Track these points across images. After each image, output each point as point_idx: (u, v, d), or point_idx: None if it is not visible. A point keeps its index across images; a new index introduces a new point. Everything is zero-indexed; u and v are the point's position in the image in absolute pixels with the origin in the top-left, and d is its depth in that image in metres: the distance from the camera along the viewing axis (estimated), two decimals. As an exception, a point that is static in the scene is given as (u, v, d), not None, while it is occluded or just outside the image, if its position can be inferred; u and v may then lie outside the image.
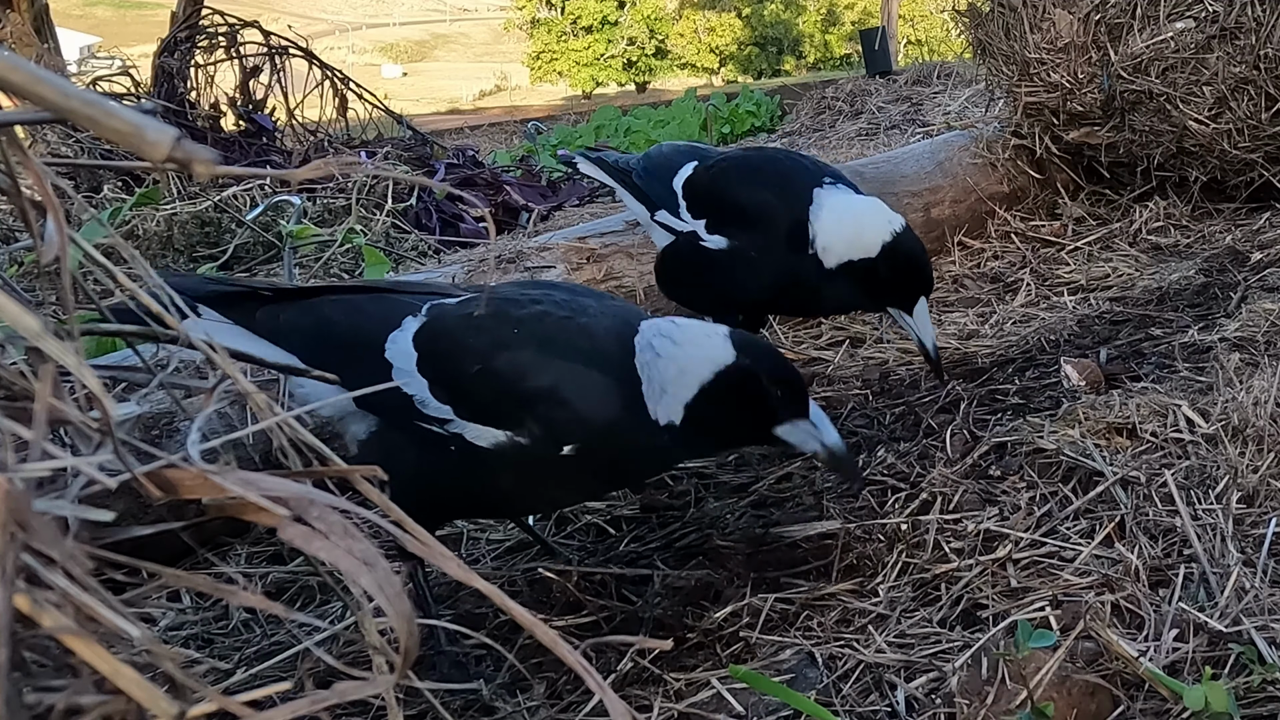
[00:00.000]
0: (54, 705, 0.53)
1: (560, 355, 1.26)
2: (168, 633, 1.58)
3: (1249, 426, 1.57)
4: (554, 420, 1.24)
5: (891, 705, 1.22)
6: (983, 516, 1.52)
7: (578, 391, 1.25)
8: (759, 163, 1.99)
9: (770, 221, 1.84)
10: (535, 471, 1.28)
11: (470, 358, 1.26)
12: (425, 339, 1.29)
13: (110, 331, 0.82)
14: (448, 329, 1.30)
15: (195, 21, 5.41)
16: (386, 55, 50.06)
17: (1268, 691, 1.12)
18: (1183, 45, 2.98)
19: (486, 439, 1.25)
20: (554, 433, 1.25)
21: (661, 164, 2.01)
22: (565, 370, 1.25)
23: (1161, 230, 3.10)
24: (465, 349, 1.27)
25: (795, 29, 28.84)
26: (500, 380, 1.25)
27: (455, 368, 1.25)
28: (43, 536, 0.52)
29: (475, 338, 1.27)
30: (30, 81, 0.53)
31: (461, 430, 1.26)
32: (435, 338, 1.29)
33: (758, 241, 1.85)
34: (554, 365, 1.25)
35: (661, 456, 1.36)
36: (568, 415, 1.25)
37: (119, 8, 51.93)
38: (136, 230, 3.58)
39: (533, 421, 1.24)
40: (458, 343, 1.28)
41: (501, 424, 1.25)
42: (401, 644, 0.57)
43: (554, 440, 1.25)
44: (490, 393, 1.25)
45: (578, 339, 1.27)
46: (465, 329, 1.28)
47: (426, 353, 1.28)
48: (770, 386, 1.31)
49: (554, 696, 1.32)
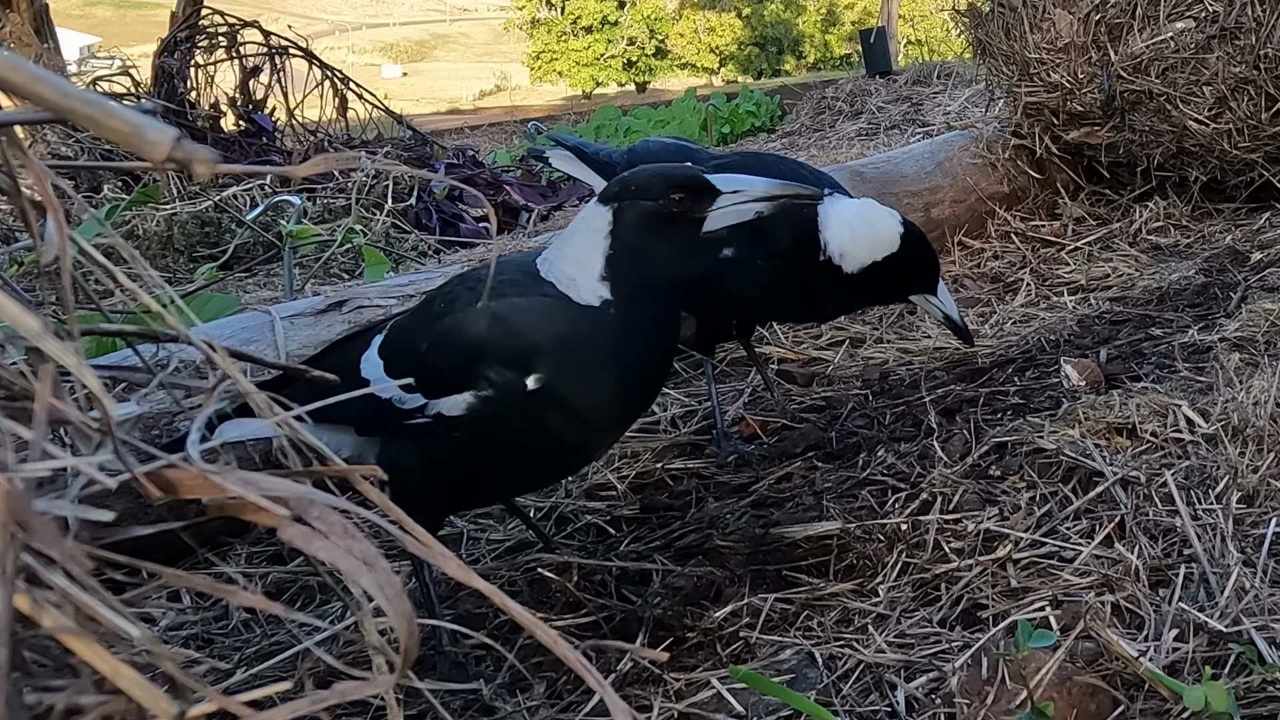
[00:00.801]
0: (54, 705, 0.53)
1: (486, 303, 1.30)
2: (168, 633, 1.58)
3: (1249, 426, 1.57)
4: (504, 359, 1.27)
5: (891, 705, 1.22)
6: (983, 516, 1.52)
7: (511, 323, 1.28)
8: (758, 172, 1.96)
9: (774, 233, 1.80)
10: (515, 425, 1.29)
11: (417, 340, 1.34)
12: (385, 345, 1.38)
13: (110, 332, 0.82)
14: (400, 328, 1.40)
15: (195, 21, 5.41)
16: (386, 55, 50.06)
17: (1268, 691, 1.12)
18: (1183, 45, 2.98)
19: (458, 407, 1.29)
20: (509, 371, 1.26)
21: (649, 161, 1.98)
22: (493, 312, 1.29)
23: (1161, 230, 3.10)
24: (412, 336, 1.36)
25: (795, 29, 28.84)
26: (446, 346, 1.30)
27: (410, 355, 1.34)
28: (43, 536, 0.52)
29: (418, 323, 1.37)
30: (30, 81, 0.53)
31: (438, 408, 1.30)
32: (393, 340, 1.39)
33: (759, 251, 1.82)
34: (481, 312, 1.29)
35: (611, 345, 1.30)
36: (513, 346, 1.27)
37: (119, 8, 51.94)
38: (136, 230, 3.58)
39: (487, 370, 1.27)
40: (407, 334, 1.37)
41: (464, 386, 1.28)
42: (401, 644, 0.57)
43: (515, 380, 1.26)
44: (443, 362, 1.30)
45: (499, 288, 1.31)
46: (411, 322, 1.39)
47: (388, 356, 1.36)
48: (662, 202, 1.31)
49: (554, 696, 1.32)
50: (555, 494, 1.84)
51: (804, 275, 1.83)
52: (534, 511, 1.79)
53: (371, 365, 1.37)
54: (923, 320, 2.60)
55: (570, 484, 1.87)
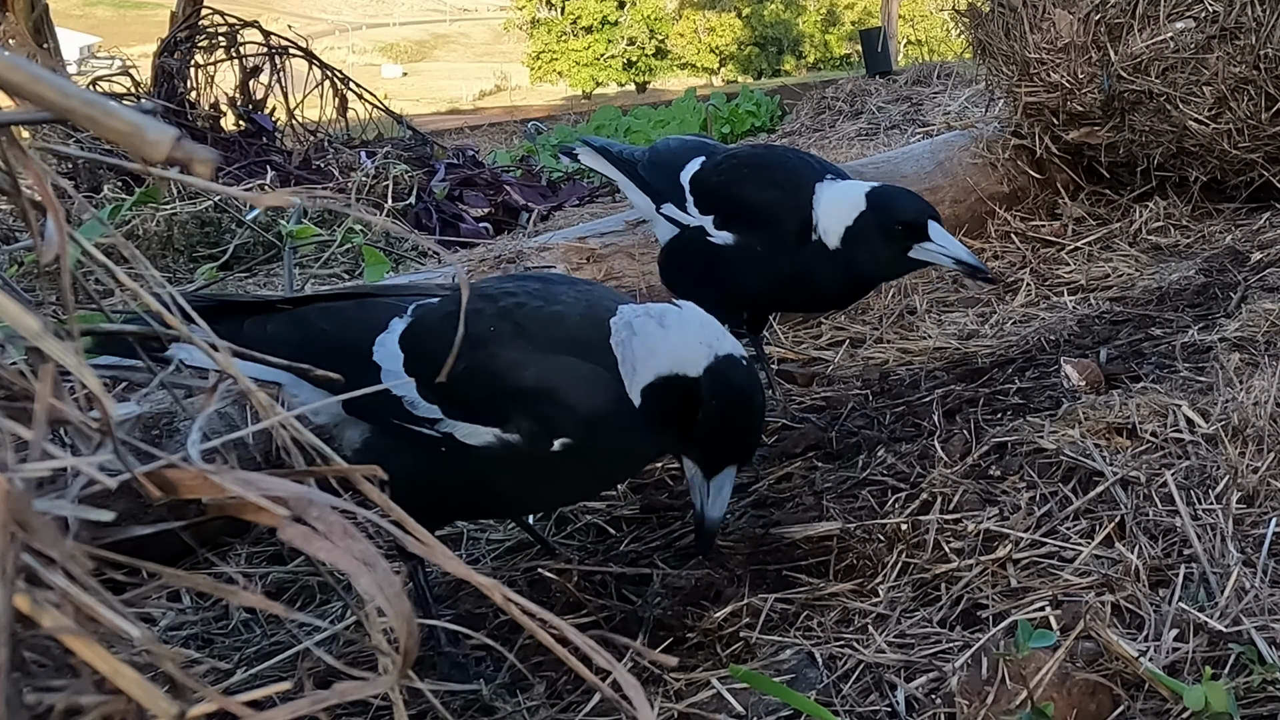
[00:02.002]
0: (54, 705, 0.53)
1: (539, 347, 1.25)
2: (168, 633, 1.58)
3: (1249, 426, 1.57)
4: (541, 415, 1.24)
5: (891, 705, 1.22)
6: (983, 516, 1.52)
7: (562, 384, 1.25)
8: (768, 161, 2.00)
9: (779, 220, 1.86)
10: (528, 469, 1.27)
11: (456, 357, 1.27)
12: (410, 339, 1.29)
13: (111, 331, 0.82)
14: (432, 327, 1.30)
15: (195, 21, 5.40)
16: (386, 55, 50.05)
17: (1268, 691, 1.12)
18: (1183, 45, 2.98)
19: (476, 438, 1.25)
20: (542, 428, 1.24)
21: (668, 158, 2.01)
22: (547, 363, 1.25)
23: (1161, 230, 3.10)
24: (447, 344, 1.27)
25: (795, 29, 28.84)
26: (485, 377, 1.24)
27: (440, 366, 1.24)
28: (43, 536, 0.52)
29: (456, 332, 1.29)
30: (30, 81, 0.53)
31: (452, 430, 1.26)
32: (420, 337, 1.29)
33: (767, 239, 1.87)
34: (535, 359, 1.25)
35: (645, 443, 1.33)
36: (554, 409, 1.24)
37: (119, 8, 51.93)
38: (136, 230, 3.58)
39: (520, 417, 1.24)
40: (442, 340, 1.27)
41: (489, 421, 1.25)
42: (401, 644, 0.57)
43: (543, 436, 1.24)
44: (476, 390, 1.24)
45: (553, 327, 1.27)
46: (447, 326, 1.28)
47: (412, 353, 1.28)
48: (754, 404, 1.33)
49: (554, 696, 1.32)
50: (555, 494, 1.84)
51: (801, 259, 1.85)
52: (534, 511, 1.79)
53: (389, 354, 1.29)
54: (923, 320, 2.60)
55: (570, 484, 1.87)
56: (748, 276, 1.89)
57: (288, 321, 1.33)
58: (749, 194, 1.90)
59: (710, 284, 1.94)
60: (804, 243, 1.84)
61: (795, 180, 1.88)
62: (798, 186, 1.87)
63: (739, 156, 2.00)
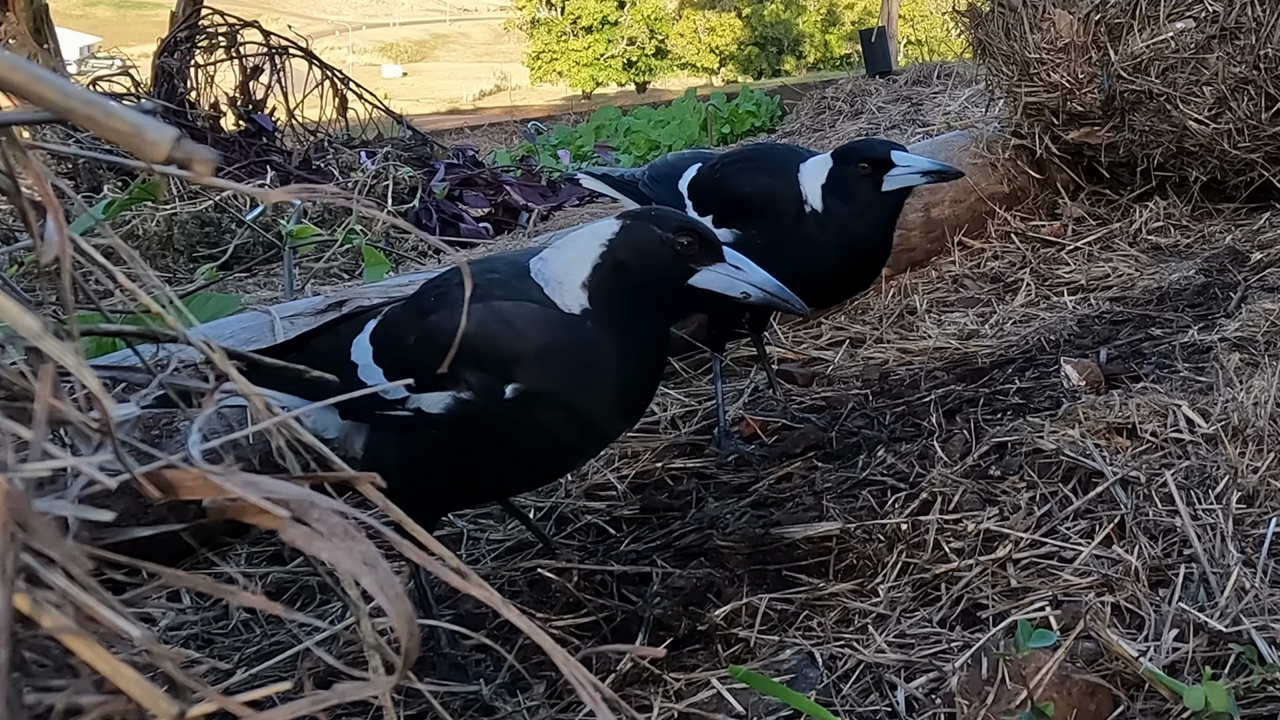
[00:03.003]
0: (54, 705, 0.53)
1: (472, 303, 1.29)
2: (168, 633, 1.58)
3: (1249, 426, 1.57)
4: (483, 364, 1.26)
5: (891, 705, 1.22)
6: (983, 516, 1.52)
7: (497, 327, 1.27)
8: (755, 154, 2.06)
9: (772, 205, 1.89)
10: (494, 431, 1.28)
11: (405, 332, 1.33)
12: (376, 332, 1.37)
13: (110, 332, 0.82)
14: (392, 316, 1.39)
15: (195, 21, 5.41)
16: (386, 55, 50.05)
17: (1268, 691, 1.12)
18: (1183, 45, 2.98)
19: (438, 405, 1.28)
20: (488, 376, 1.26)
21: (666, 170, 2.07)
22: (476, 315, 1.27)
23: (1161, 230, 3.10)
24: (401, 326, 1.35)
25: (795, 29, 28.84)
26: (429, 343, 1.29)
27: (397, 347, 1.33)
28: (43, 536, 0.52)
29: (407, 315, 1.36)
30: (30, 81, 0.53)
31: (419, 404, 1.29)
32: (383, 328, 1.38)
33: (763, 227, 1.89)
34: (469, 312, 1.27)
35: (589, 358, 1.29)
36: (493, 353, 1.26)
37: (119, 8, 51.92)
38: (136, 230, 3.58)
39: (467, 373, 1.26)
40: (397, 324, 1.36)
41: (444, 386, 1.27)
42: (402, 645, 0.57)
43: (494, 385, 1.25)
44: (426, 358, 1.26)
45: (487, 288, 1.31)
46: (402, 312, 1.38)
47: (378, 344, 1.36)
48: (668, 235, 1.30)
49: (554, 696, 1.32)
50: (555, 494, 1.84)
51: (802, 236, 1.87)
52: (533, 512, 1.79)
53: (361, 351, 1.37)
54: (923, 320, 2.60)
55: (570, 484, 1.87)
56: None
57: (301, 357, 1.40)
58: (740, 186, 1.94)
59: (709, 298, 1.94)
60: (801, 219, 1.88)
61: (780, 164, 1.94)
62: (783, 169, 1.92)
63: (730, 156, 2.05)
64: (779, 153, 2.01)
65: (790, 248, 1.86)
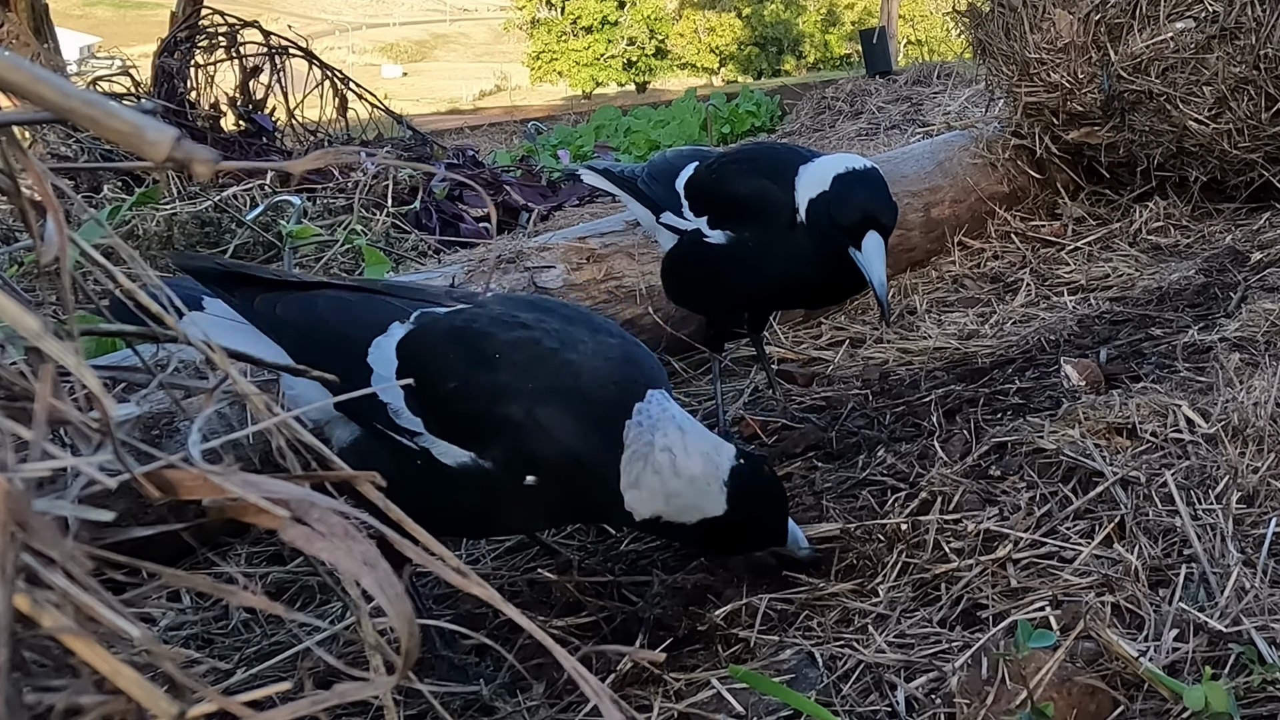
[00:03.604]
0: (54, 705, 0.53)
1: (537, 386, 1.22)
2: (168, 633, 1.58)
3: (1249, 426, 1.57)
4: (520, 450, 1.22)
5: (891, 705, 1.22)
6: (983, 516, 1.52)
7: (549, 426, 1.22)
8: (753, 154, 2.02)
9: (766, 207, 1.84)
10: (497, 496, 1.26)
11: (448, 373, 1.23)
12: (408, 347, 1.27)
13: (110, 332, 0.82)
14: (431, 340, 1.27)
15: (195, 21, 5.40)
16: (386, 55, 50.06)
17: (1268, 691, 1.12)
18: (1183, 45, 2.98)
19: (452, 457, 1.23)
20: (518, 462, 1.22)
21: (664, 168, 2.04)
22: (540, 402, 1.22)
23: (1161, 230, 3.10)
24: (444, 363, 1.24)
25: (795, 29, 28.84)
26: (473, 401, 1.22)
27: (432, 381, 1.22)
28: (43, 536, 0.52)
29: (456, 353, 1.25)
30: (30, 81, 0.53)
31: (430, 446, 1.24)
32: (418, 347, 1.27)
33: (757, 229, 1.85)
34: (528, 395, 1.22)
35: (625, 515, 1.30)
36: (534, 447, 1.22)
37: (119, 8, 51.93)
38: (136, 230, 3.58)
39: (498, 447, 1.22)
40: (438, 356, 1.25)
41: (468, 444, 1.23)
42: (402, 645, 0.57)
43: (517, 469, 1.22)
44: (461, 412, 1.22)
45: (561, 375, 1.24)
46: (448, 342, 1.26)
47: (407, 361, 1.26)
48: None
49: (554, 696, 1.32)
50: (555, 494, 1.84)
51: (793, 245, 1.82)
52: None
53: (383, 358, 1.27)
54: (923, 320, 2.60)
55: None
56: (744, 273, 1.88)
57: (296, 305, 1.32)
58: (735, 187, 1.90)
59: (710, 288, 1.93)
60: (793, 226, 1.82)
61: (778, 168, 1.87)
62: (781, 173, 1.85)
63: (728, 155, 2.02)
64: (777, 154, 1.95)
65: (781, 252, 1.85)
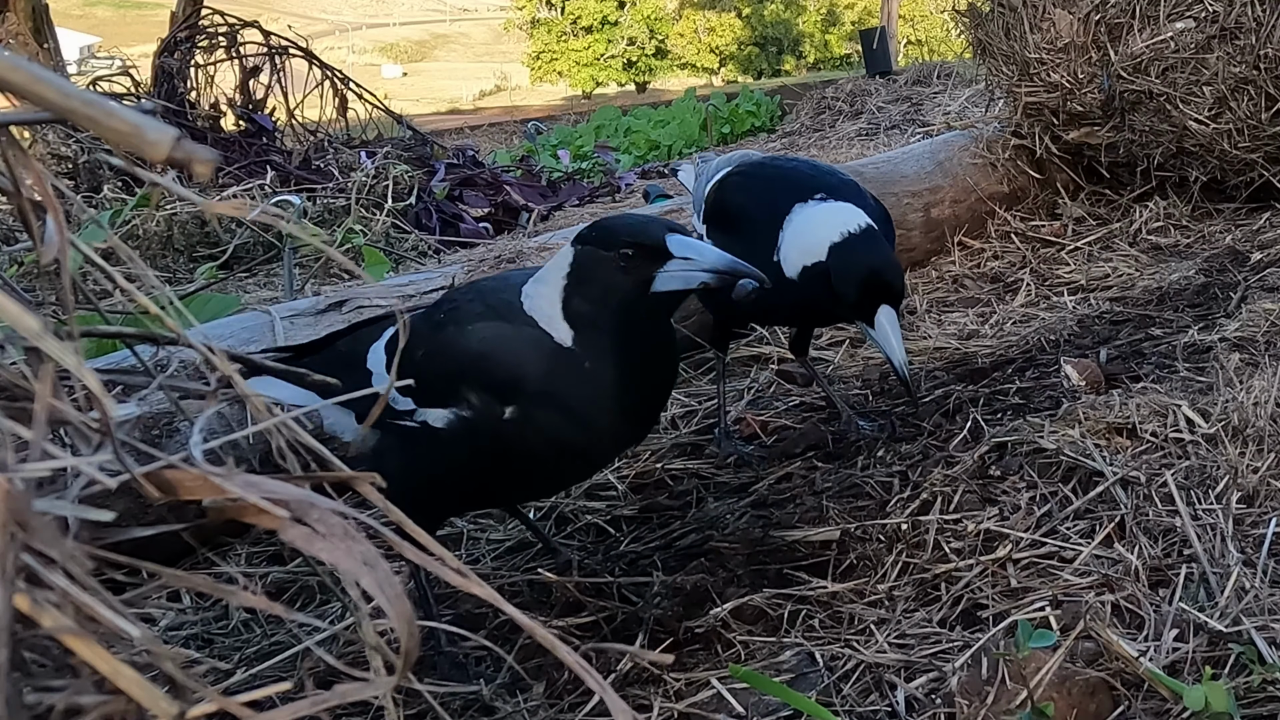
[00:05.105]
0: (54, 705, 0.53)
1: (479, 323, 1.32)
2: (168, 633, 1.58)
3: (1249, 426, 1.57)
4: (483, 385, 1.29)
5: (891, 705, 1.22)
6: (983, 516, 1.52)
7: (494, 354, 1.30)
8: (765, 170, 1.93)
9: (750, 228, 1.79)
10: (490, 446, 1.30)
11: (415, 346, 1.34)
12: (391, 341, 1.39)
13: (110, 333, 0.82)
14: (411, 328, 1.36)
15: (195, 21, 5.41)
16: (386, 55, 50.07)
17: (1268, 691, 1.12)
18: (1183, 45, 2.98)
19: (440, 420, 1.31)
20: (488, 397, 1.29)
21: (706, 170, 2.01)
22: (480, 337, 1.31)
23: (1161, 230, 3.10)
24: (413, 340, 1.34)
25: (795, 29, 28.83)
26: (435, 360, 1.31)
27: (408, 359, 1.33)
28: (43, 536, 0.52)
29: (421, 328, 1.37)
30: (30, 81, 0.53)
31: (424, 417, 1.32)
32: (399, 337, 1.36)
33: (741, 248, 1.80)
34: (472, 334, 1.32)
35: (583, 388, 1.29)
36: (493, 376, 1.29)
37: (119, 8, 51.95)
38: (137, 230, 3.58)
39: (467, 391, 1.29)
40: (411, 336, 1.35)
41: (446, 401, 1.31)
42: (402, 645, 0.57)
43: (492, 407, 1.28)
44: (432, 374, 1.30)
45: (495, 308, 1.34)
46: (417, 324, 1.38)
47: (392, 353, 1.37)
48: (611, 254, 1.28)
49: (554, 696, 1.32)
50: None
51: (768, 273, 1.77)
52: (534, 512, 1.79)
53: (377, 359, 1.39)
54: (923, 320, 2.60)
55: (570, 484, 1.87)
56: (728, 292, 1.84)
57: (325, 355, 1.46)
58: (732, 203, 1.86)
59: (708, 300, 1.90)
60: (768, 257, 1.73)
61: (777, 191, 1.80)
62: (777, 198, 1.78)
63: (744, 167, 1.94)
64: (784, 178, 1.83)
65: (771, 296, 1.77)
